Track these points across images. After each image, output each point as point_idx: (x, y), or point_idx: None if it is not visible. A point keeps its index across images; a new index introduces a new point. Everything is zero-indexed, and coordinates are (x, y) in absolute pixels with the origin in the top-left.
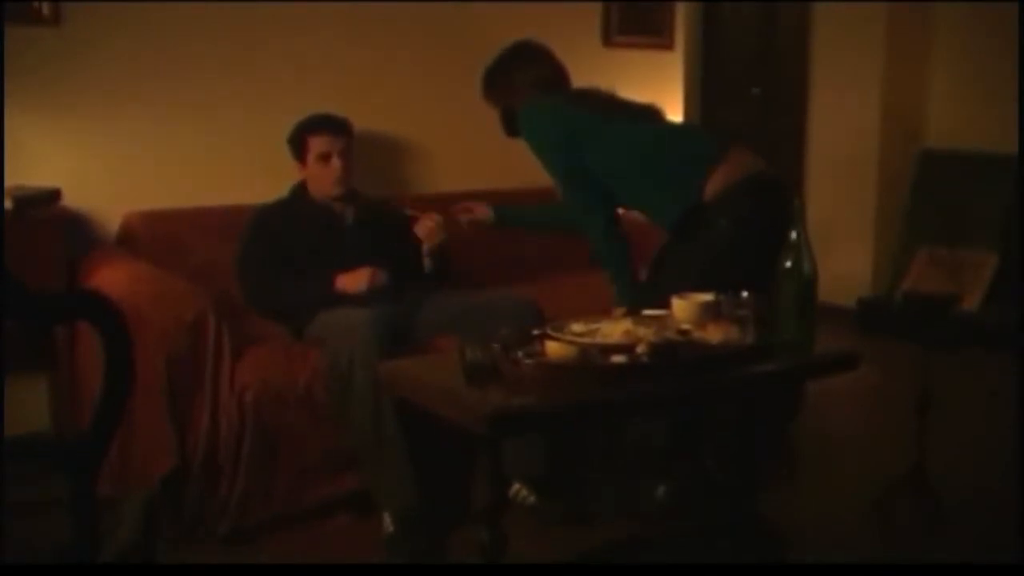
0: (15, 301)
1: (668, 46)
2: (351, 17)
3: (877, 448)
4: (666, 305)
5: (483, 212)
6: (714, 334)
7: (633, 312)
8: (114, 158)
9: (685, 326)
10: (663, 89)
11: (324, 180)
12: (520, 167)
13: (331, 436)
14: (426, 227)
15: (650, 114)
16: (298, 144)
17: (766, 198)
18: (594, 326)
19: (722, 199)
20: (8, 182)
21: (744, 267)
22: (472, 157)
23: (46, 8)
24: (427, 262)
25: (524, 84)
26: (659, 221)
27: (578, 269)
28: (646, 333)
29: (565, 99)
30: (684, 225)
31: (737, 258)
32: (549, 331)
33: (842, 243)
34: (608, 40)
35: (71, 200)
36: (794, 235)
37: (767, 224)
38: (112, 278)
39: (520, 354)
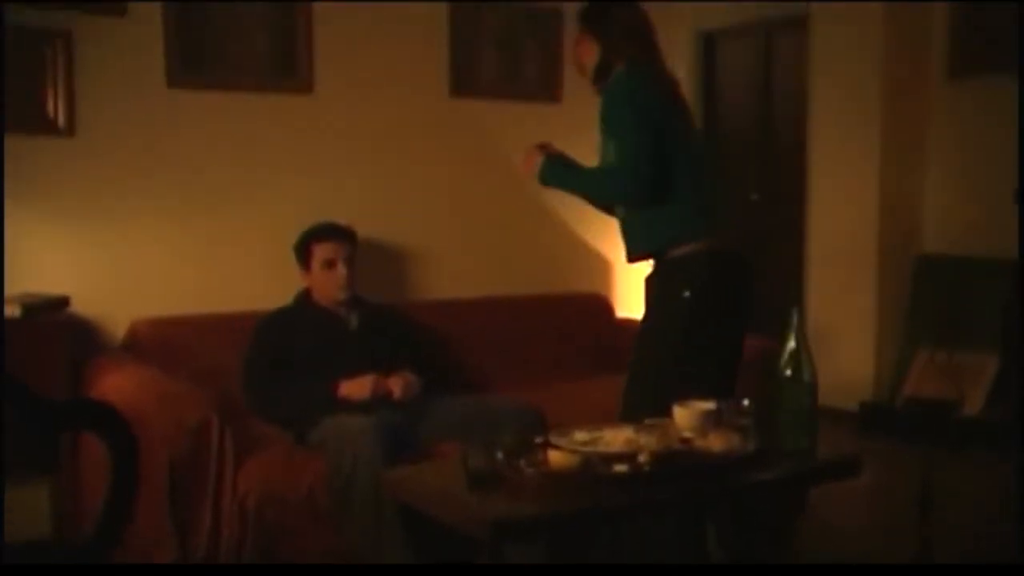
0: (24, 408)
1: None
2: (355, 126)
3: (879, 546)
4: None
5: (534, 162)
6: (716, 442)
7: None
8: (122, 265)
9: (687, 434)
10: None
11: (329, 286)
12: (521, 273)
13: (333, 542)
14: (401, 390)
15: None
16: (303, 251)
17: (728, 267)
18: (597, 434)
19: (689, 262)
20: (17, 289)
21: (714, 332)
22: (474, 264)
23: (62, 119)
24: None
25: (620, 27)
26: (647, 235)
27: (581, 373)
28: (648, 442)
29: (661, 85)
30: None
31: (707, 326)
32: (552, 440)
33: (843, 346)
34: None
35: (79, 307)
36: (793, 343)
37: (730, 292)
38: (117, 382)
39: (523, 462)
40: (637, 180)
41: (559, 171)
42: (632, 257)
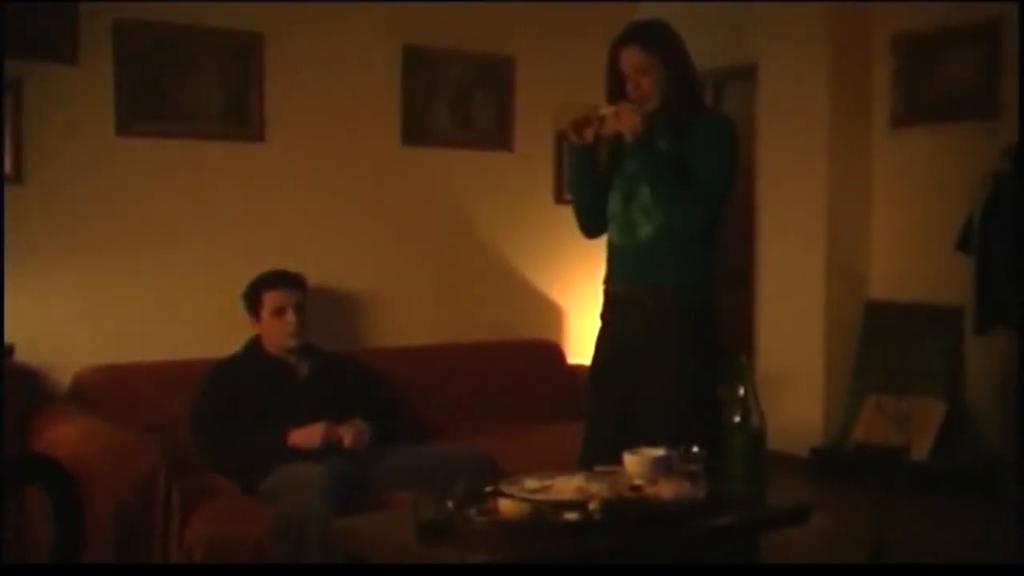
0: None
1: None
2: (306, 174)
3: None
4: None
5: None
6: (666, 490)
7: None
8: (68, 313)
9: (637, 481)
10: None
11: (278, 334)
12: (472, 321)
13: None
14: (352, 438)
15: None
16: (252, 299)
17: None
18: (547, 482)
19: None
20: None
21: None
22: (426, 311)
23: (9, 166)
24: None
25: (685, 54)
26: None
27: (533, 421)
28: (599, 489)
29: None
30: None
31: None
32: (502, 488)
33: (793, 392)
34: (560, 198)
35: (23, 355)
36: (742, 390)
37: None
38: (63, 433)
39: (473, 511)
40: (709, 210)
41: (653, 149)
42: (638, 285)
